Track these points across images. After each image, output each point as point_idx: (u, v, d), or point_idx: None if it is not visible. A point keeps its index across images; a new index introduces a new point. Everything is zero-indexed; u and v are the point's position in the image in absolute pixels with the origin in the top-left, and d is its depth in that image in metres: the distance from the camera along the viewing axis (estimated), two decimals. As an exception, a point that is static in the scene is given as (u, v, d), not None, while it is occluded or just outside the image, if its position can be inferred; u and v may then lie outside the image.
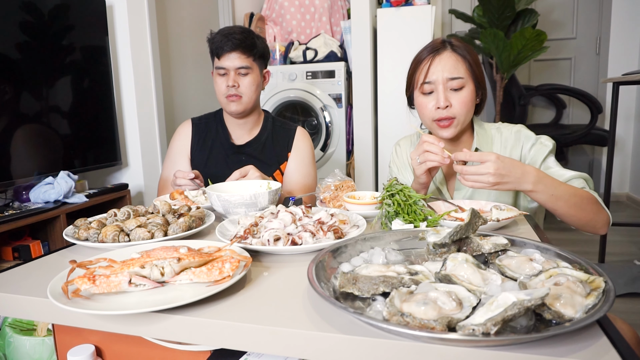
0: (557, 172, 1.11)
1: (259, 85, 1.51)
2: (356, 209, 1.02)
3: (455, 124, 1.15)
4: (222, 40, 1.42)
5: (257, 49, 1.47)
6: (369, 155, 3.11)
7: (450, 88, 1.13)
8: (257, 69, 1.50)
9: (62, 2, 2.03)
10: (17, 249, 1.76)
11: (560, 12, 3.89)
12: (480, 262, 0.64)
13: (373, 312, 0.54)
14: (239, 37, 1.42)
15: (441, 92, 1.13)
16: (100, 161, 2.27)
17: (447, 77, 1.12)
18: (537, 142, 1.17)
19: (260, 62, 1.51)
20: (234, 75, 1.45)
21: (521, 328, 0.49)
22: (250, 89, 1.47)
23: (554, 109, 4.01)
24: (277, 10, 3.61)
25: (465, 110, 1.14)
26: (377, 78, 3.04)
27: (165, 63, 2.86)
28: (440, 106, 1.12)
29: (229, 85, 1.44)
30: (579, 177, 1.09)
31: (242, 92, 1.46)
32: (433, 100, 1.14)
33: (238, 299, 0.61)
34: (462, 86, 1.13)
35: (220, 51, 1.43)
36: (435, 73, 1.13)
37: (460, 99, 1.13)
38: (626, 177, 3.91)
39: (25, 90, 1.87)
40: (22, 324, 1.00)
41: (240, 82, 1.46)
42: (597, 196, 1.04)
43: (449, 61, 1.13)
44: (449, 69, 1.12)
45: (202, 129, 1.59)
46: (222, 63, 1.44)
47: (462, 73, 1.13)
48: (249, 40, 1.45)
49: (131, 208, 0.96)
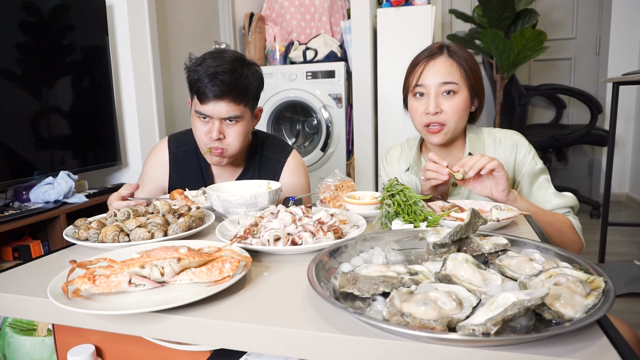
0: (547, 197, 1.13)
1: (249, 132, 1.25)
2: (356, 209, 1.02)
3: (446, 131, 1.13)
4: (207, 82, 1.13)
5: (251, 91, 1.20)
6: (369, 155, 3.11)
7: (443, 92, 1.11)
8: (249, 113, 1.23)
9: (62, 2, 2.03)
10: (17, 249, 1.76)
11: (560, 12, 3.89)
12: (480, 262, 0.64)
13: (373, 312, 0.54)
14: (228, 79, 1.13)
15: (432, 97, 1.11)
16: (100, 161, 2.27)
17: (440, 82, 1.10)
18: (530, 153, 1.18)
19: (253, 104, 1.25)
20: (219, 125, 1.18)
21: (521, 328, 0.49)
22: (238, 139, 1.21)
23: (554, 109, 4.01)
24: (277, 10, 3.61)
25: (456, 118, 1.12)
26: (377, 78, 3.04)
27: (165, 63, 2.86)
28: (430, 112, 1.11)
29: (213, 138, 1.18)
30: (564, 207, 1.11)
31: (227, 143, 1.20)
32: (424, 105, 1.13)
33: (238, 299, 0.61)
34: (455, 92, 1.11)
35: (203, 96, 1.14)
36: (428, 77, 1.12)
37: (452, 105, 1.11)
38: (626, 177, 3.91)
39: (25, 90, 1.87)
40: (22, 324, 1.00)
41: (227, 133, 1.19)
42: (577, 223, 1.08)
43: (443, 66, 1.11)
44: (442, 74, 1.11)
45: (180, 161, 1.36)
46: (204, 109, 1.16)
47: (456, 78, 1.11)
48: (241, 83, 1.16)
49: (131, 208, 0.96)
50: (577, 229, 1.08)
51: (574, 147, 3.92)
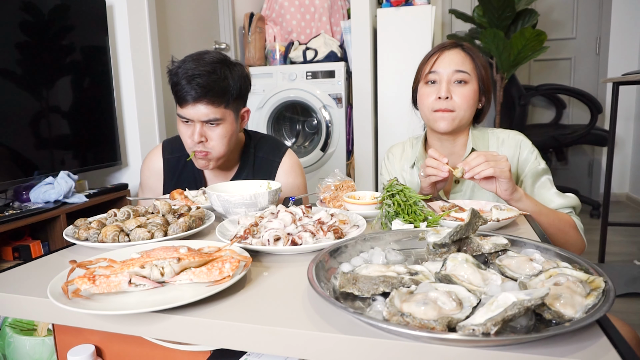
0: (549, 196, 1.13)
1: (233, 134, 1.23)
2: (356, 209, 1.02)
3: (454, 117, 1.15)
4: (185, 84, 1.13)
5: (231, 92, 1.18)
6: (369, 155, 3.11)
7: (455, 80, 1.14)
8: (232, 115, 1.21)
9: (62, 2, 2.03)
10: (17, 249, 1.76)
11: (560, 12, 3.89)
12: (480, 262, 0.64)
13: (373, 312, 0.54)
14: (205, 81, 1.12)
15: (444, 83, 1.14)
16: (100, 161, 2.27)
17: (453, 70, 1.14)
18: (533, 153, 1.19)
19: (237, 105, 1.23)
20: (200, 128, 1.17)
21: (521, 328, 0.49)
22: (221, 142, 1.20)
23: (554, 109, 4.01)
24: (277, 10, 3.61)
25: (466, 106, 1.14)
26: (377, 78, 3.04)
27: (165, 63, 2.86)
28: (442, 96, 1.13)
29: (195, 141, 1.18)
30: (566, 207, 1.12)
31: (211, 147, 1.20)
32: (435, 91, 1.16)
33: (238, 299, 0.61)
34: (466, 81, 1.14)
35: (181, 100, 1.15)
36: (442, 65, 1.15)
37: (463, 93, 1.14)
38: (626, 177, 3.91)
39: (25, 90, 1.87)
40: (22, 324, 1.00)
41: (209, 135, 1.19)
42: (579, 223, 1.09)
43: (457, 56, 1.15)
44: (456, 62, 1.14)
45: (174, 167, 1.37)
46: (184, 113, 1.16)
47: (468, 69, 1.14)
48: (219, 85, 1.14)
49: (131, 208, 0.96)
50: (580, 229, 1.09)
51: (574, 147, 3.92)
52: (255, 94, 3.37)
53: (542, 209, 1.03)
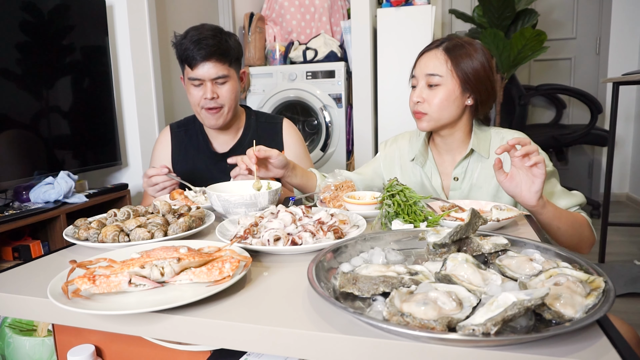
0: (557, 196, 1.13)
1: (238, 92, 1.41)
2: (356, 209, 1.02)
3: (429, 119, 1.17)
4: (193, 48, 1.29)
5: (232, 52, 1.35)
6: (369, 156, 3.11)
7: (428, 84, 1.16)
8: (235, 73, 1.39)
9: (62, 2, 2.03)
10: (17, 249, 1.76)
11: (560, 12, 3.89)
12: (480, 262, 0.64)
13: (373, 312, 0.54)
14: (212, 42, 1.29)
15: (419, 88, 1.18)
16: (100, 161, 2.27)
17: (425, 74, 1.16)
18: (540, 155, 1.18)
19: (237, 66, 1.40)
20: (212, 86, 1.33)
21: (521, 328, 0.49)
22: (230, 97, 1.37)
23: (554, 109, 4.01)
24: (277, 10, 3.61)
25: (436, 108, 1.15)
26: (377, 78, 3.04)
27: (165, 63, 2.86)
28: (414, 100, 1.18)
29: (207, 98, 1.33)
30: (575, 206, 1.13)
31: (222, 102, 1.36)
32: (415, 94, 1.19)
33: (238, 299, 0.61)
34: (437, 84, 1.15)
35: (193, 61, 1.31)
36: (419, 68, 1.19)
37: (433, 96, 1.15)
38: (626, 177, 3.91)
39: (25, 90, 1.87)
40: (22, 324, 1.00)
41: (219, 92, 1.35)
42: (590, 220, 1.11)
43: (432, 59, 1.16)
44: (428, 66, 1.16)
45: (182, 138, 1.52)
46: (196, 74, 1.32)
47: (441, 71, 1.14)
48: (223, 45, 1.32)
49: (131, 208, 0.95)
50: (591, 225, 1.11)
51: (574, 147, 3.92)
52: (255, 94, 3.37)
53: (562, 213, 1.01)
